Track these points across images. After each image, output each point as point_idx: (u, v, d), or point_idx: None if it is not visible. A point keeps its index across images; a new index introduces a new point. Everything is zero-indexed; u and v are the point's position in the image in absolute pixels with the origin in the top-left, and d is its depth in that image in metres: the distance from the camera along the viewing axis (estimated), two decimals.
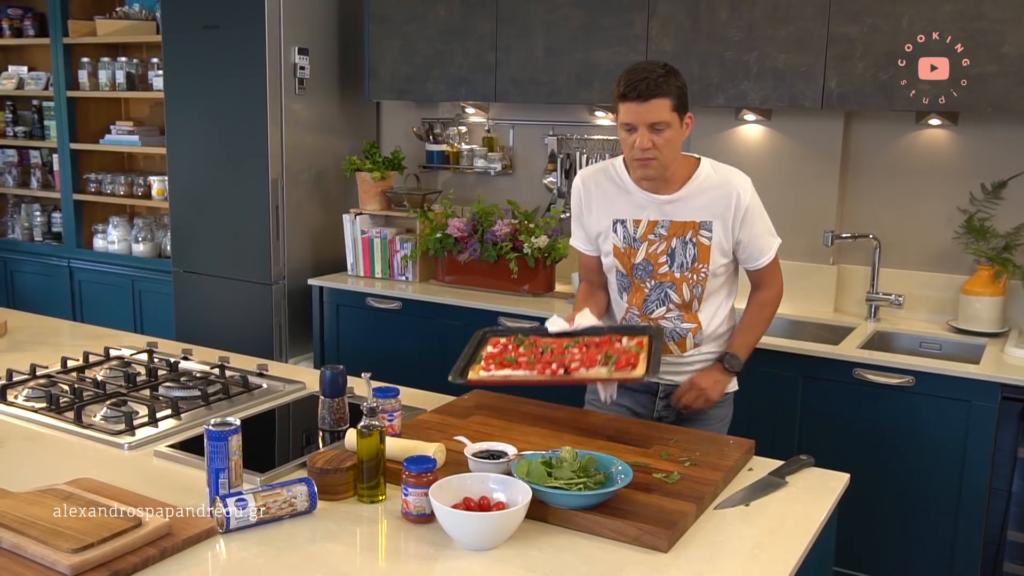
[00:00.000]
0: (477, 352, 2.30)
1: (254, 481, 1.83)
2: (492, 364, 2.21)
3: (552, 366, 2.15)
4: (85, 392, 2.37)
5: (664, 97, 2.23)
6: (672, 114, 2.25)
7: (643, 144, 2.25)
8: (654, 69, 2.24)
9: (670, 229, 2.38)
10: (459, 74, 3.92)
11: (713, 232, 2.37)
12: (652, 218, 2.39)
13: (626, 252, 2.42)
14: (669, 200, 2.38)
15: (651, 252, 2.40)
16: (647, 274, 2.41)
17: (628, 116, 2.26)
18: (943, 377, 2.88)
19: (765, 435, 2.91)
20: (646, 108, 2.22)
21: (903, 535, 3.02)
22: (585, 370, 2.13)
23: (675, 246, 2.38)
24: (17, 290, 5.37)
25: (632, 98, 2.23)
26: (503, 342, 2.32)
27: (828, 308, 3.58)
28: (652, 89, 2.21)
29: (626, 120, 2.27)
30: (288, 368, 2.80)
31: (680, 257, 2.38)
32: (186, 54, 4.26)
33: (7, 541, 1.52)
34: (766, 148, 3.65)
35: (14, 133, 5.44)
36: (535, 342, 2.29)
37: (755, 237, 2.41)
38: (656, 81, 2.21)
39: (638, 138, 2.25)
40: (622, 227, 2.43)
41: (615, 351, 2.18)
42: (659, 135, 2.25)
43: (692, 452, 1.98)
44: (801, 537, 1.68)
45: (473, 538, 1.61)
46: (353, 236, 4.17)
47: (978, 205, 3.34)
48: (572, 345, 2.23)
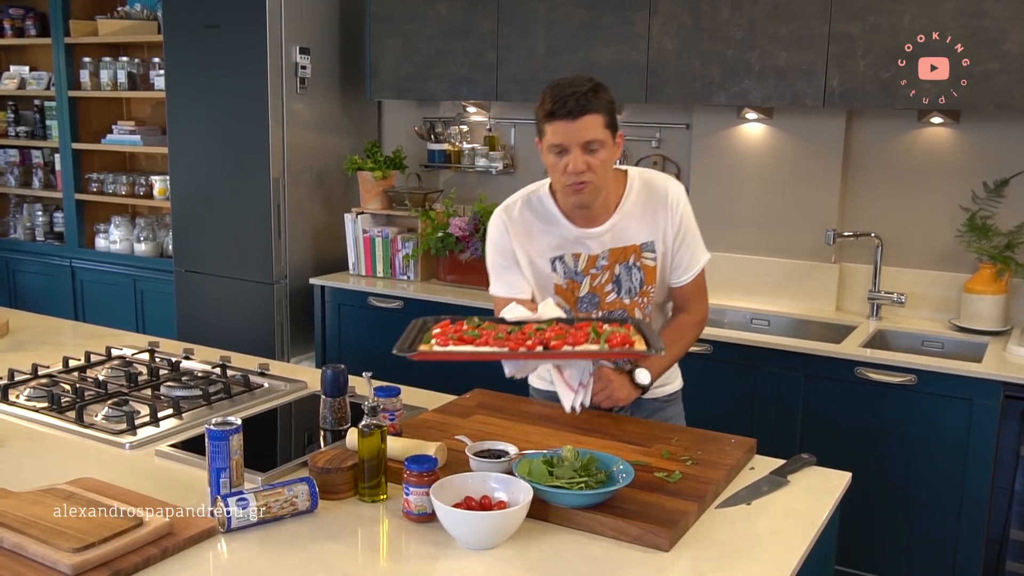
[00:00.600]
0: (421, 334, 2.01)
1: (255, 480, 1.83)
2: (449, 341, 1.91)
3: (527, 342, 1.88)
4: (87, 392, 2.37)
5: (596, 113, 2.05)
6: (605, 132, 2.07)
7: (577, 167, 2.06)
8: (582, 83, 2.06)
9: (610, 257, 2.22)
10: (460, 73, 3.92)
11: (656, 251, 2.23)
12: (592, 252, 2.22)
13: (569, 288, 2.25)
14: (605, 230, 2.21)
15: (595, 285, 2.24)
16: (593, 306, 2.25)
17: (557, 137, 2.06)
18: (945, 376, 2.87)
19: (767, 434, 2.91)
20: (578, 126, 2.04)
21: (905, 534, 3.02)
22: (570, 347, 1.87)
23: (619, 272, 2.23)
24: (19, 290, 5.38)
25: (562, 116, 2.04)
26: (453, 326, 2.04)
27: (830, 307, 3.58)
28: (583, 105, 2.03)
29: (555, 142, 2.07)
30: (289, 367, 2.80)
31: (627, 283, 2.24)
32: (187, 54, 4.26)
33: (8, 541, 1.52)
34: (768, 147, 3.64)
35: (16, 133, 5.44)
36: (494, 325, 2.04)
37: (688, 248, 2.26)
38: (586, 96, 2.04)
39: (571, 161, 2.06)
40: (561, 263, 2.24)
41: (603, 330, 1.95)
42: (593, 155, 2.07)
43: (694, 451, 1.98)
44: (803, 536, 1.68)
45: (474, 537, 1.61)
46: (355, 235, 4.17)
47: (980, 203, 3.34)
48: (543, 327, 1.99)
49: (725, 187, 3.74)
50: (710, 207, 3.77)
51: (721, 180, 3.74)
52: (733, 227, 3.73)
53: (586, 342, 1.88)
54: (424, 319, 2.11)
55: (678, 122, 3.84)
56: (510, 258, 2.27)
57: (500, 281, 2.30)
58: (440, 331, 1.99)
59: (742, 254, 3.72)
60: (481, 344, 1.87)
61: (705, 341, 3.21)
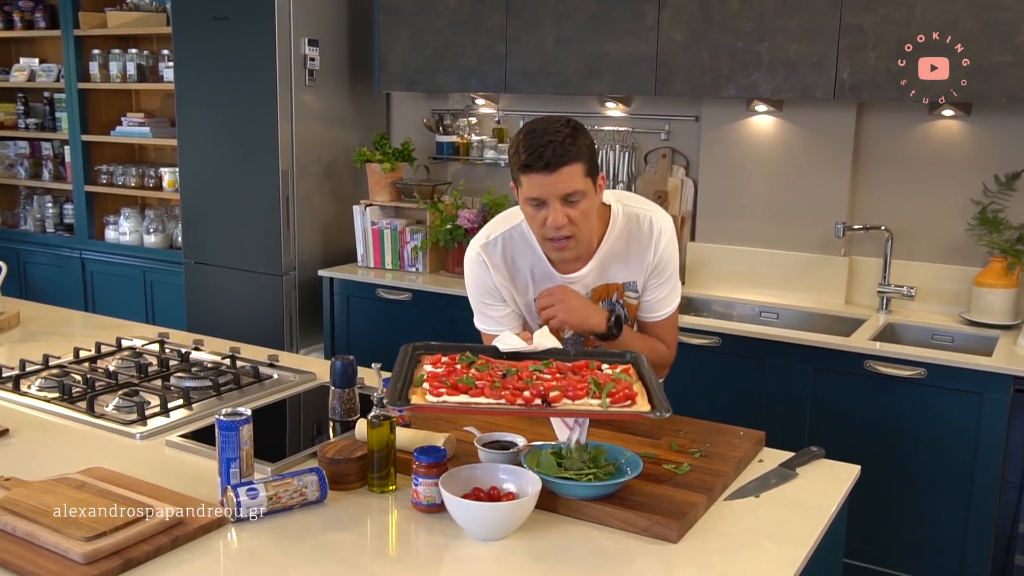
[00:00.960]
0: (412, 372, 1.86)
1: (265, 471, 1.84)
2: (442, 387, 1.74)
3: (525, 394, 1.71)
4: (97, 382, 2.38)
5: (575, 163, 1.90)
6: (586, 180, 1.93)
7: (557, 222, 1.93)
8: (558, 130, 1.91)
9: (593, 295, 2.15)
10: (469, 65, 3.92)
11: (639, 291, 2.17)
12: None
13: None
14: (586, 274, 2.13)
15: None
16: (579, 344, 2.15)
17: (535, 190, 1.93)
18: (955, 369, 2.86)
19: (776, 427, 2.90)
20: (556, 179, 1.90)
21: (914, 527, 3.02)
22: (570, 402, 1.71)
23: None
24: (30, 281, 5.40)
25: (539, 168, 1.89)
26: (445, 360, 1.89)
27: (839, 300, 3.57)
28: (561, 156, 1.89)
29: (533, 195, 1.94)
30: (299, 359, 2.81)
31: None
32: (196, 46, 4.26)
33: (21, 529, 1.53)
34: (777, 139, 3.63)
35: (26, 125, 5.46)
36: (489, 363, 1.87)
37: (663, 286, 2.17)
38: (563, 145, 1.89)
39: (550, 215, 1.94)
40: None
41: (605, 379, 1.80)
42: (574, 207, 1.94)
43: (702, 443, 1.98)
44: (811, 528, 1.68)
45: (483, 528, 1.61)
46: (363, 227, 4.18)
47: (992, 196, 3.32)
48: (541, 369, 1.85)
49: (734, 180, 3.73)
50: (719, 200, 3.77)
51: (730, 173, 3.73)
52: (742, 220, 3.72)
53: (586, 396, 1.73)
54: (414, 347, 1.97)
55: (687, 114, 3.84)
56: (494, 296, 2.17)
57: (486, 318, 2.21)
58: (432, 371, 1.84)
59: (751, 247, 3.71)
60: (477, 394, 1.72)
61: (713, 334, 3.21)
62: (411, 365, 1.89)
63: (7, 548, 1.50)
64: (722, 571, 1.52)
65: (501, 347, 1.95)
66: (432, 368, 1.86)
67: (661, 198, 3.86)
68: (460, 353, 1.92)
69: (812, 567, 1.63)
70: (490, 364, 1.87)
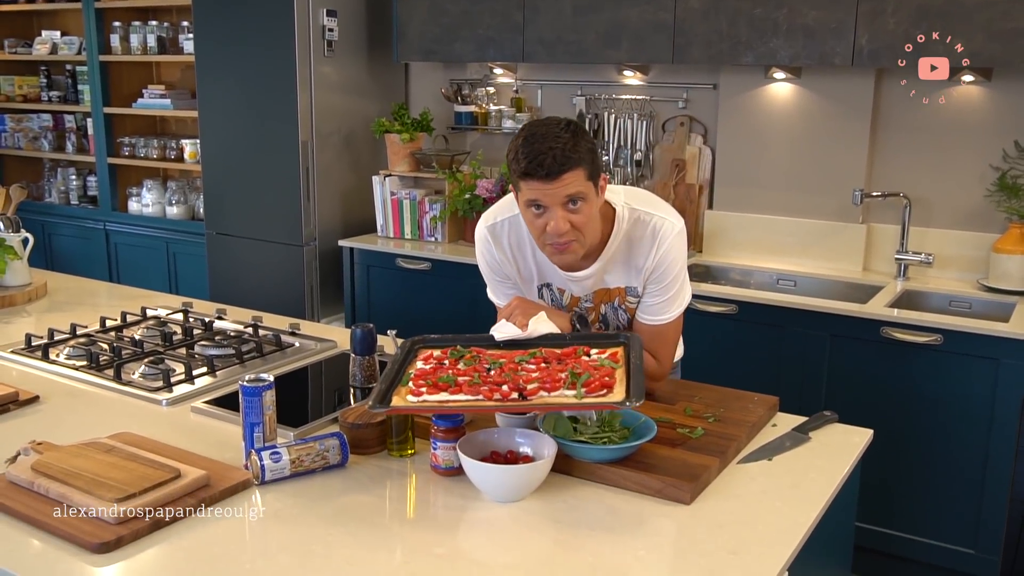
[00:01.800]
0: (403, 369, 1.87)
1: (287, 435, 1.88)
2: (424, 386, 1.75)
3: (503, 388, 1.71)
4: (124, 350, 2.43)
5: (576, 168, 1.84)
6: (587, 184, 1.87)
7: (559, 228, 1.87)
8: (558, 135, 1.84)
9: (595, 298, 2.11)
10: (487, 34, 3.92)
11: (640, 296, 2.09)
12: (575, 294, 2.12)
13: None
14: (587, 276, 2.07)
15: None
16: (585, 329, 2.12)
17: (534, 195, 1.87)
18: (971, 335, 2.87)
19: (792, 393, 2.93)
20: (557, 185, 1.84)
21: (930, 493, 3.04)
22: (546, 394, 1.70)
23: (605, 312, 2.13)
24: (55, 252, 5.48)
25: (539, 177, 1.83)
26: (437, 355, 1.90)
27: (857, 267, 3.57)
28: (562, 163, 1.82)
29: (532, 197, 1.88)
30: (320, 327, 2.85)
31: (614, 320, 2.14)
32: (216, 17, 4.28)
33: (54, 491, 1.59)
34: (796, 106, 3.62)
35: (49, 98, 5.51)
36: (478, 355, 1.88)
37: (661, 292, 2.05)
38: (564, 151, 1.82)
39: (551, 221, 1.87)
40: (548, 291, 2.15)
41: (584, 366, 1.79)
42: (576, 213, 1.88)
43: (716, 408, 2.00)
44: (822, 491, 1.70)
45: (500, 490, 1.65)
46: (383, 197, 4.21)
47: (1011, 163, 3.30)
48: (527, 359, 1.84)
49: (752, 148, 3.72)
50: (737, 168, 3.77)
51: (748, 140, 3.73)
52: (760, 188, 3.72)
53: (562, 386, 1.72)
54: (413, 341, 1.99)
55: (705, 82, 3.83)
56: (501, 273, 2.16)
57: (498, 292, 2.20)
58: (421, 368, 1.85)
59: (769, 215, 3.71)
60: (455, 391, 1.72)
61: (731, 301, 3.23)
62: (405, 362, 1.90)
63: (41, 509, 1.56)
64: (734, 532, 1.55)
65: (497, 335, 1.95)
66: (422, 364, 1.87)
67: (679, 166, 3.86)
68: (451, 348, 1.92)
69: (824, 529, 1.66)
70: (479, 357, 1.87)
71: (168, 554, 1.48)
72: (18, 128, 5.70)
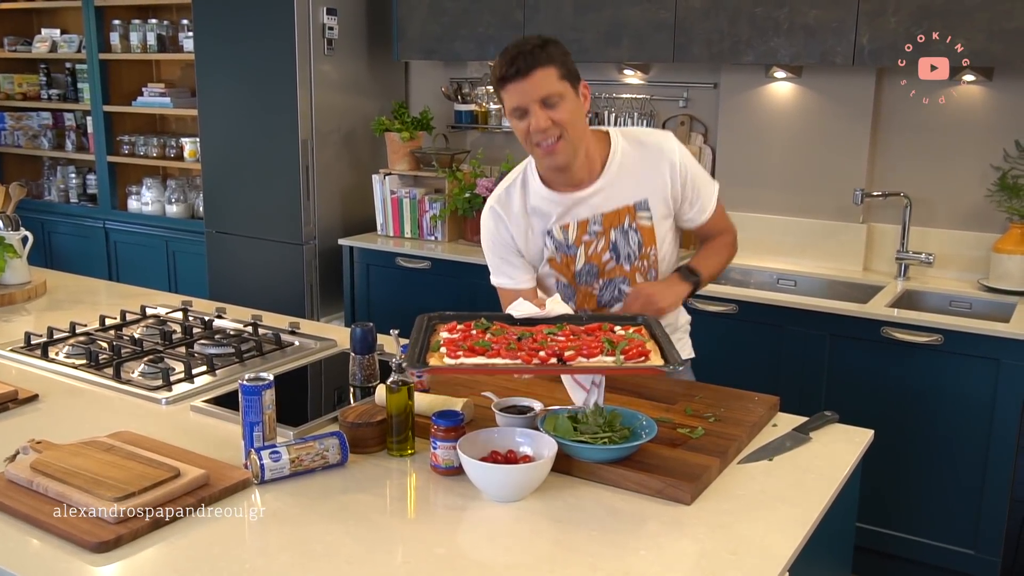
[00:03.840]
0: (428, 339, 1.91)
1: (287, 435, 1.88)
2: (459, 351, 1.80)
3: (540, 354, 1.76)
4: (123, 349, 2.43)
5: (547, 66, 1.98)
6: (562, 83, 2.01)
7: (540, 124, 2.00)
8: (528, 41, 2.02)
9: (604, 222, 2.16)
10: (487, 33, 3.92)
11: (652, 210, 2.16)
12: (581, 218, 2.16)
13: (563, 262, 2.21)
14: (593, 192, 2.15)
15: (592, 254, 2.19)
16: (593, 277, 2.21)
17: (514, 99, 2.01)
18: (972, 335, 2.87)
19: (792, 393, 2.93)
20: (531, 83, 1.98)
21: (930, 493, 3.04)
22: (585, 360, 1.76)
23: (615, 238, 2.17)
24: (54, 251, 5.47)
25: (512, 77, 1.99)
26: (460, 327, 1.94)
27: (857, 267, 3.57)
28: (531, 61, 1.98)
29: (514, 104, 2.02)
30: (319, 326, 2.85)
31: (624, 248, 2.18)
32: (216, 15, 4.28)
33: (53, 490, 1.58)
34: (796, 106, 3.62)
35: (48, 96, 5.51)
36: (504, 328, 1.93)
37: (695, 190, 2.20)
38: (533, 52, 1.98)
39: (532, 121, 2.01)
40: (551, 239, 2.20)
41: (618, 338, 1.85)
42: (555, 110, 2.00)
43: (716, 408, 2.00)
44: (823, 491, 1.70)
45: (500, 490, 1.64)
46: (382, 196, 4.20)
47: (1012, 162, 3.30)
48: (555, 332, 1.89)
49: (753, 147, 3.72)
50: (738, 167, 3.76)
51: (749, 140, 3.72)
52: (761, 187, 3.72)
53: (600, 353, 1.78)
54: (429, 317, 2.02)
55: (706, 81, 3.82)
56: (509, 248, 2.23)
57: (500, 273, 2.27)
58: (448, 337, 1.89)
59: (769, 214, 3.71)
60: (493, 356, 1.78)
61: (731, 301, 3.22)
62: (427, 333, 1.94)
63: (40, 508, 1.55)
64: (734, 532, 1.55)
65: (515, 314, 2.00)
66: (448, 334, 1.91)
67: None
68: (475, 320, 1.97)
69: (824, 529, 1.66)
70: (505, 329, 1.92)
71: (167, 553, 1.47)
72: (18, 126, 5.70)
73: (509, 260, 2.24)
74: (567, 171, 2.12)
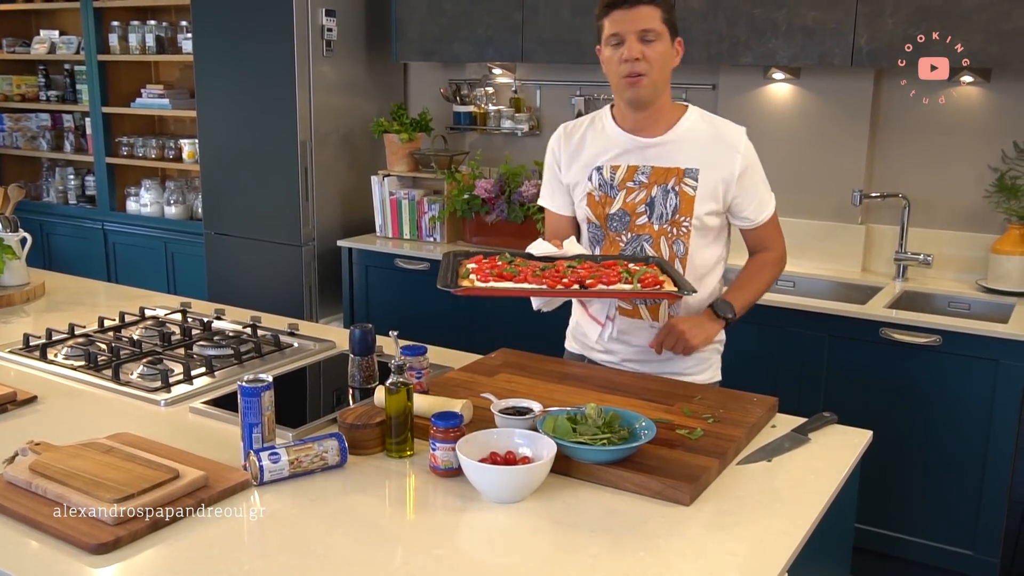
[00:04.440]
0: (456, 270, 2.08)
1: (286, 436, 1.88)
2: (489, 277, 1.98)
3: (564, 280, 1.95)
4: (122, 351, 2.43)
5: (653, 5, 2.08)
6: (662, 26, 2.10)
7: (632, 53, 2.08)
8: None
9: (651, 176, 2.20)
10: (486, 34, 3.92)
11: (699, 182, 2.17)
12: (632, 163, 2.21)
13: (601, 201, 2.23)
14: (653, 143, 2.20)
15: (628, 201, 2.21)
16: (623, 225, 2.22)
17: (614, 26, 2.10)
18: (970, 336, 2.87)
19: (791, 394, 2.93)
20: (634, 15, 2.07)
21: (929, 494, 3.04)
22: (605, 286, 1.94)
23: (655, 194, 2.19)
24: (53, 252, 5.47)
25: (620, 4, 2.08)
26: (486, 261, 2.10)
27: (856, 268, 3.57)
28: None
29: (613, 31, 2.10)
30: (318, 328, 2.85)
31: (660, 207, 2.19)
32: (215, 17, 4.28)
33: (52, 492, 1.58)
34: (795, 107, 3.62)
35: (47, 97, 5.51)
36: (526, 262, 2.09)
37: (756, 189, 2.24)
38: None
39: (626, 49, 2.09)
40: (598, 174, 2.24)
41: (633, 271, 2.01)
42: (649, 46, 2.09)
43: (715, 409, 2.00)
44: (822, 492, 1.70)
45: (499, 491, 1.65)
46: (381, 197, 4.20)
47: (1010, 163, 3.30)
48: (574, 265, 2.04)
49: None
50: None
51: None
52: None
53: (619, 282, 1.95)
54: (454, 253, 2.20)
55: (704, 83, 3.82)
56: (555, 174, 2.34)
57: (546, 195, 2.39)
58: (477, 267, 2.05)
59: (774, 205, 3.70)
60: (520, 280, 1.95)
61: None
62: (455, 265, 2.11)
63: (39, 509, 1.55)
64: (733, 533, 1.55)
65: (535, 252, 2.13)
66: (475, 266, 2.07)
67: None
68: (499, 255, 2.12)
69: (823, 530, 1.66)
70: (527, 262, 2.07)
71: (167, 555, 1.47)
72: (16, 128, 5.70)
73: (552, 184, 2.36)
74: (643, 109, 2.18)
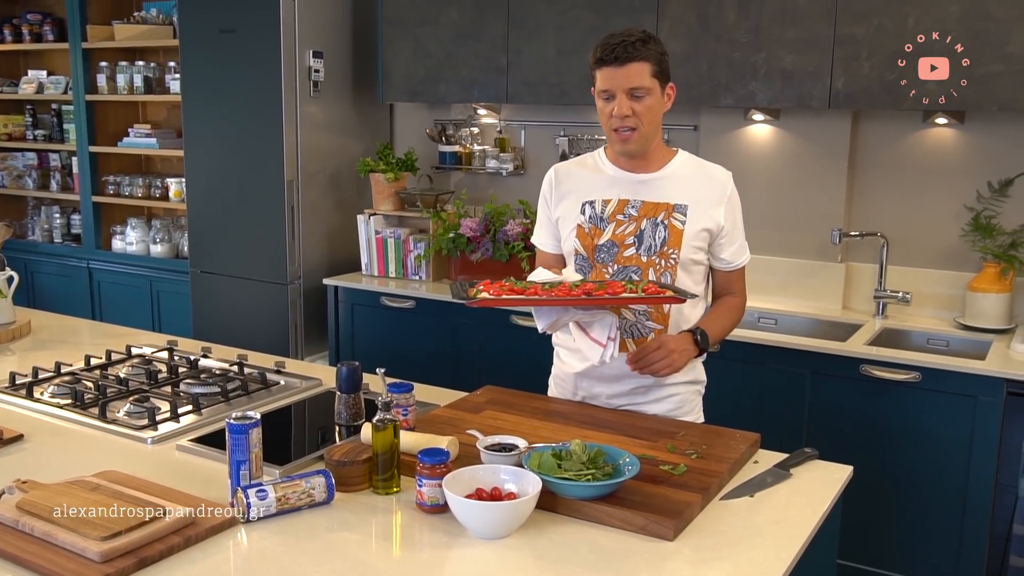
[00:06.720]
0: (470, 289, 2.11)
1: (273, 473, 1.89)
2: (502, 292, 2.05)
3: (571, 292, 2.01)
4: (109, 389, 2.43)
5: (643, 61, 2.12)
6: (652, 80, 2.14)
7: (622, 111, 2.14)
8: (632, 33, 2.14)
9: (641, 210, 2.24)
10: (471, 76, 3.98)
11: (688, 217, 2.22)
12: (623, 196, 2.25)
13: (590, 232, 2.26)
14: (644, 180, 2.26)
15: (618, 233, 2.24)
16: (611, 256, 2.25)
17: (605, 82, 2.15)
18: (949, 373, 2.91)
19: (773, 430, 2.95)
20: (624, 72, 2.12)
21: (910, 530, 3.06)
22: (610, 295, 2.00)
23: (644, 227, 2.23)
24: (38, 291, 5.46)
25: (609, 62, 2.13)
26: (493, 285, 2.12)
27: (836, 305, 3.62)
28: (630, 52, 2.11)
29: (604, 87, 2.16)
30: (305, 365, 2.86)
31: (648, 239, 2.22)
32: (203, 58, 4.33)
33: (39, 530, 1.59)
34: (774, 147, 3.69)
35: (34, 136, 5.53)
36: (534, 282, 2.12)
37: (738, 232, 2.32)
38: (634, 45, 2.11)
39: (616, 105, 2.15)
40: (590, 207, 2.28)
41: (636, 282, 2.09)
42: (639, 102, 2.14)
43: (698, 445, 2.03)
44: (803, 527, 1.72)
45: (485, 527, 1.66)
46: (367, 236, 4.23)
47: (985, 203, 3.37)
48: (577, 284, 2.07)
49: None
50: None
51: None
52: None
53: (624, 292, 2.02)
54: (461, 281, 2.20)
55: (686, 124, 3.89)
56: (545, 213, 2.39)
57: (540, 232, 2.43)
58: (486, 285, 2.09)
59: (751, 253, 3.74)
60: (531, 294, 2.01)
61: None
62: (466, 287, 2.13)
63: (26, 548, 1.56)
64: (717, 568, 1.57)
65: (537, 280, 2.14)
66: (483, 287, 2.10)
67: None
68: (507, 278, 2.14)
69: (805, 565, 1.68)
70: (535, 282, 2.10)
71: None
72: (2, 166, 5.71)
73: (543, 223, 2.40)
74: (634, 159, 2.26)
